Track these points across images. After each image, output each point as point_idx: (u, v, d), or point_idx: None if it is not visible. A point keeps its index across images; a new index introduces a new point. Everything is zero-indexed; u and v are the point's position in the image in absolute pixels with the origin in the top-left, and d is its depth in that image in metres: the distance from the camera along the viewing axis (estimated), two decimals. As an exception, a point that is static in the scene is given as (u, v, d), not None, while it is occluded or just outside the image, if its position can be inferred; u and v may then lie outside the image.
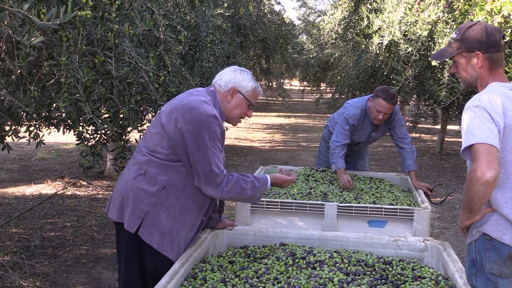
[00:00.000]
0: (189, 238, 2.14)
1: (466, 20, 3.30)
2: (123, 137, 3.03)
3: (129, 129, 3.07)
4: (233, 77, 2.16)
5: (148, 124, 3.79)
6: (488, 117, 1.69)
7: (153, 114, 3.64)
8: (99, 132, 2.77)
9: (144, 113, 3.71)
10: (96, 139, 2.78)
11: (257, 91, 2.22)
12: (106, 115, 2.76)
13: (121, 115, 2.91)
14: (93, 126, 2.67)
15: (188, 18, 4.96)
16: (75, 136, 2.68)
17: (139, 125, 2.98)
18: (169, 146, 2.04)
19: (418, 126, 8.99)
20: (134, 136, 3.36)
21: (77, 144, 2.69)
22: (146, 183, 2.05)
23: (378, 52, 6.40)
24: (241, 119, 2.27)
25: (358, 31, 7.77)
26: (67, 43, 2.07)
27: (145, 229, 2.03)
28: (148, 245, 2.04)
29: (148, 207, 2.03)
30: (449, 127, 9.48)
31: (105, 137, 2.82)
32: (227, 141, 10.02)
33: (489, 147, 1.63)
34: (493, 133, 1.66)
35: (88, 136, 2.71)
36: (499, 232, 1.74)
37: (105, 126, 2.46)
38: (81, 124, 2.61)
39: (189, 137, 1.99)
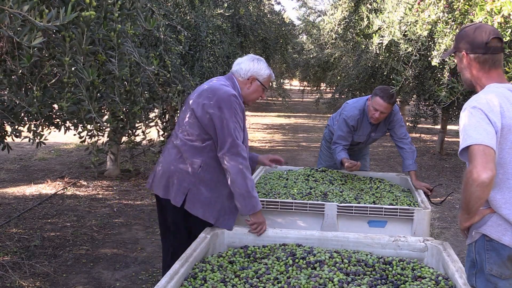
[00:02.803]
0: (227, 206, 2.46)
1: (466, 20, 3.30)
2: (134, 134, 3.08)
3: (138, 126, 3.11)
4: (252, 67, 2.55)
5: (156, 121, 3.82)
6: (484, 118, 1.68)
7: (161, 110, 3.72)
8: (102, 130, 2.78)
9: (151, 110, 3.72)
10: (99, 138, 2.79)
11: (271, 76, 2.63)
12: (113, 113, 2.77)
13: (132, 112, 2.95)
14: (97, 124, 2.68)
15: (188, 18, 4.96)
16: (78, 135, 2.68)
17: (147, 122, 3.05)
18: (199, 127, 2.40)
19: (418, 126, 8.99)
20: (140, 136, 3.36)
21: (81, 142, 2.69)
22: (186, 165, 2.43)
23: (378, 52, 6.40)
24: (257, 100, 2.68)
25: (358, 31, 7.77)
26: (70, 43, 2.07)
27: (190, 203, 2.42)
28: (193, 216, 2.43)
29: (189, 185, 2.42)
30: (449, 127, 9.49)
31: (113, 135, 2.85)
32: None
33: (485, 148, 1.62)
34: (490, 134, 1.65)
35: (95, 133, 2.72)
36: (498, 233, 1.73)
37: (109, 124, 2.51)
38: (85, 123, 2.62)
39: (213, 113, 2.35)
